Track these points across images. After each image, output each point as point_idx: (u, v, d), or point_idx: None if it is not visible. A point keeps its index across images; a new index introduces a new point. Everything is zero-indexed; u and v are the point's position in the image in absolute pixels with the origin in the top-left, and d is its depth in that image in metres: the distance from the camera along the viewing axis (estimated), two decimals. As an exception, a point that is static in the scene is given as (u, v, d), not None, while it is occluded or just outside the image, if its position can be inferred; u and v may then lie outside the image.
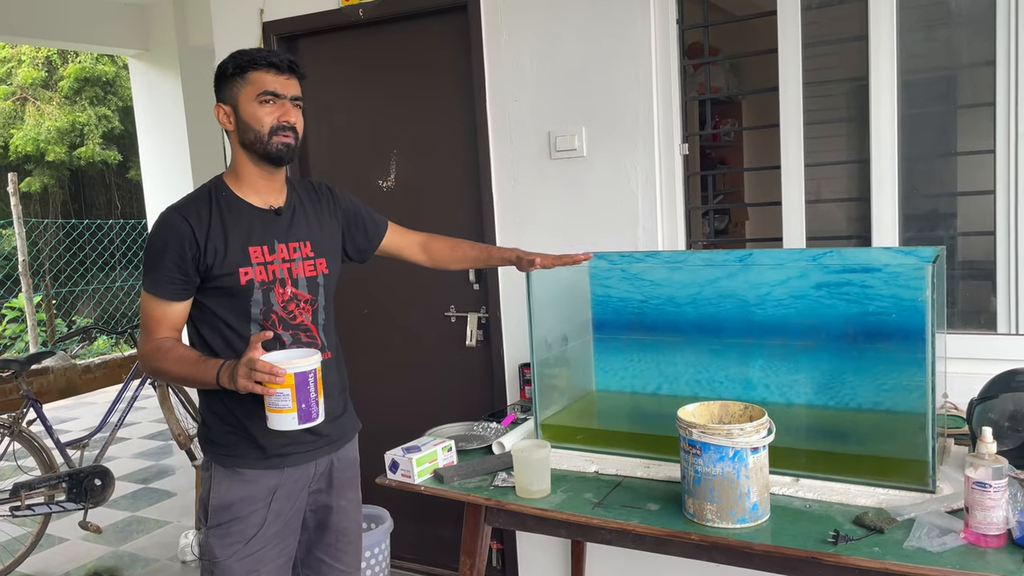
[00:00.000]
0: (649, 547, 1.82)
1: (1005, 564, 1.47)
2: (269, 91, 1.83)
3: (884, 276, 1.98)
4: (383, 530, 3.00)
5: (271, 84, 1.83)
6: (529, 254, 2.13)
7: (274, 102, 1.84)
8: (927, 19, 2.67)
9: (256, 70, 1.82)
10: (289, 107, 1.86)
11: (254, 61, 1.82)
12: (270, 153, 1.84)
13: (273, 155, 1.85)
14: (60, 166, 10.66)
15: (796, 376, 2.13)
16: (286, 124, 1.84)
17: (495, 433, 2.38)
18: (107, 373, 7.50)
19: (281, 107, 1.84)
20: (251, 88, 1.83)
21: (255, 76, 1.83)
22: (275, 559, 1.91)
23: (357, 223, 2.12)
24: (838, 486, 1.84)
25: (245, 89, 1.83)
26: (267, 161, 1.86)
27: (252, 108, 1.83)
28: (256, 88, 1.82)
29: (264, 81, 1.83)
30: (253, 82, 1.83)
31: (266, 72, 1.83)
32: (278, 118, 1.83)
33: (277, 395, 1.65)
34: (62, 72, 10.64)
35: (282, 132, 1.84)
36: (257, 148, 1.84)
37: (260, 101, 1.83)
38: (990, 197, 2.35)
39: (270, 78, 1.83)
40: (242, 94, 1.83)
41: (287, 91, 1.85)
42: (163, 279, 1.80)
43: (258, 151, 1.85)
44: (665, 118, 2.67)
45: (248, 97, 1.83)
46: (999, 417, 1.82)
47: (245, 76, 1.83)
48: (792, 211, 2.55)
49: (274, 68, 1.83)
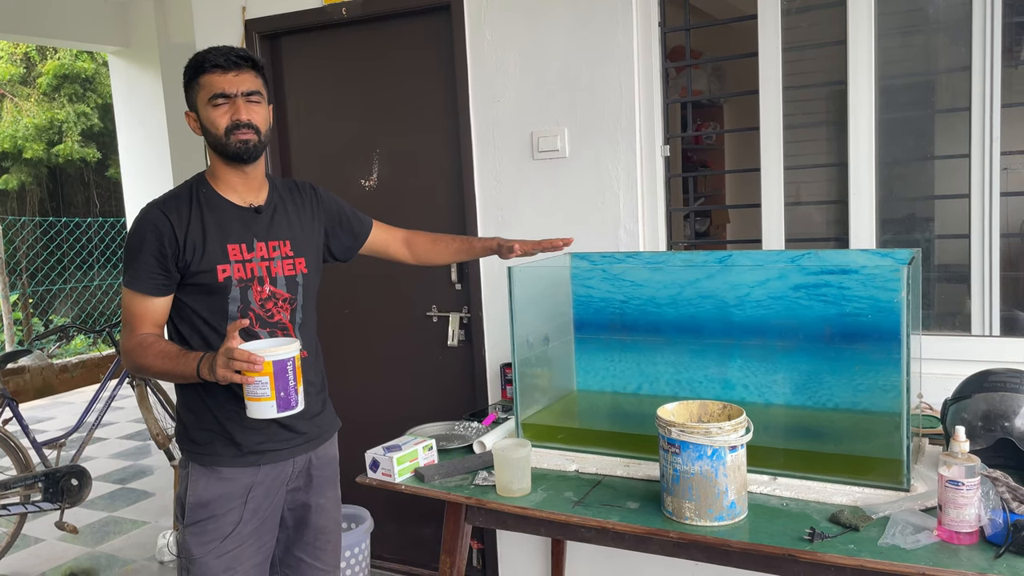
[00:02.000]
0: (629, 545, 1.83)
1: (977, 561, 1.49)
2: (217, 92, 1.81)
3: (861, 278, 2.01)
4: (363, 530, 2.99)
5: (218, 85, 1.82)
6: (509, 241, 2.16)
7: (225, 102, 1.82)
8: (905, 25, 2.70)
9: (205, 73, 1.82)
10: (241, 104, 1.82)
11: (201, 65, 1.82)
12: (230, 153, 1.84)
13: (232, 154, 1.84)
14: (38, 163, 10.53)
15: (774, 376, 2.15)
16: (239, 122, 1.82)
17: (476, 432, 2.38)
18: (84, 373, 7.43)
19: (232, 106, 1.82)
20: (204, 92, 1.83)
21: (205, 80, 1.82)
22: (252, 557, 1.90)
23: (341, 222, 2.12)
24: (815, 484, 1.86)
25: (200, 93, 1.84)
26: (231, 160, 1.86)
27: (207, 112, 1.83)
28: (207, 91, 1.82)
29: (212, 83, 1.82)
30: (204, 85, 1.83)
31: (212, 74, 1.82)
32: (231, 117, 1.82)
33: (256, 383, 1.65)
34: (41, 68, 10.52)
35: (238, 131, 1.82)
36: (219, 149, 1.85)
37: (213, 104, 1.82)
38: (965, 201, 2.38)
39: (217, 79, 1.82)
40: (198, 99, 1.85)
41: (237, 88, 1.82)
42: (144, 274, 1.79)
43: (220, 152, 1.85)
44: (647, 120, 2.68)
45: (203, 101, 1.83)
46: (972, 417, 1.85)
47: (197, 81, 1.84)
48: (771, 213, 2.58)
49: (219, 68, 1.81)
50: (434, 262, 2.28)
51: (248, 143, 1.83)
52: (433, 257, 2.26)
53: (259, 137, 1.85)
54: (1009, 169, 2.44)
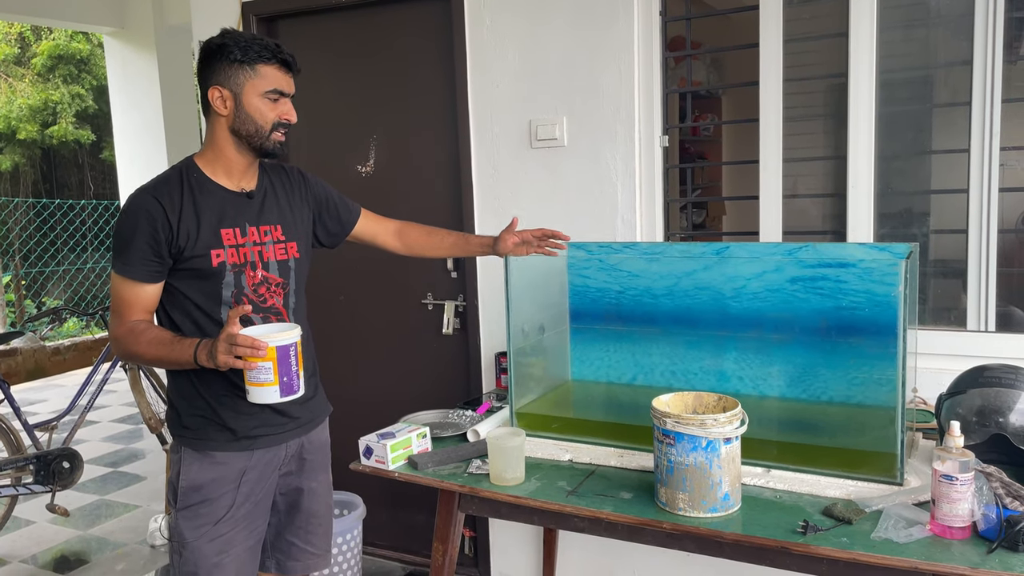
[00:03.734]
0: (621, 535, 1.83)
1: (970, 556, 1.50)
2: (278, 89, 1.82)
3: (858, 271, 2.00)
4: (355, 516, 2.99)
5: (280, 83, 1.83)
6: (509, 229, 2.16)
7: (279, 100, 1.84)
8: (907, 18, 2.69)
9: (268, 64, 1.81)
10: (291, 105, 1.87)
11: (265, 54, 1.80)
12: (266, 148, 1.85)
13: (268, 150, 1.86)
14: (32, 145, 10.46)
15: (770, 369, 2.15)
16: (287, 122, 1.86)
17: (470, 421, 2.38)
18: (77, 355, 7.41)
19: (284, 104, 1.85)
20: (260, 81, 1.81)
21: (266, 71, 1.81)
22: (244, 541, 1.90)
23: (328, 208, 2.11)
24: (808, 477, 1.87)
25: (253, 81, 1.81)
26: (259, 154, 1.87)
27: (257, 102, 1.81)
28: (267, 83, 1.81)
29: (275, 78, 1.82)
30: (264, 76, 1.81)
31: (278, 69, 1.82)
32: (280, 116, 1.84)
33: (258, 368, 1.65)
34: (35, 49, 10.43)
35: (281, 129, 1.85)
36: (254, 141, 1.84)
37: (268, 97, 1.82)
38: (963, 196, 2.38)
39: (280, 76, 1.83)
40: (248, 84, 1.81)
41: (291, 89, 1.86)
42: (135, 261, 1.77)
43: (253, 143, 1.84)
44: (646, 110, 2.67)
45: (255, 89, 1.81)
46: (967, 412, 1.85)
47: (255, 68, 1.80)
48: (769, 205, 2.57)
49: (285, 66, 1.83)
50: (427, 255, 2.28)
51: (284, 145, 1.88)
52: (426, 250, 2.26)
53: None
54: (1007, 165, 2.43)
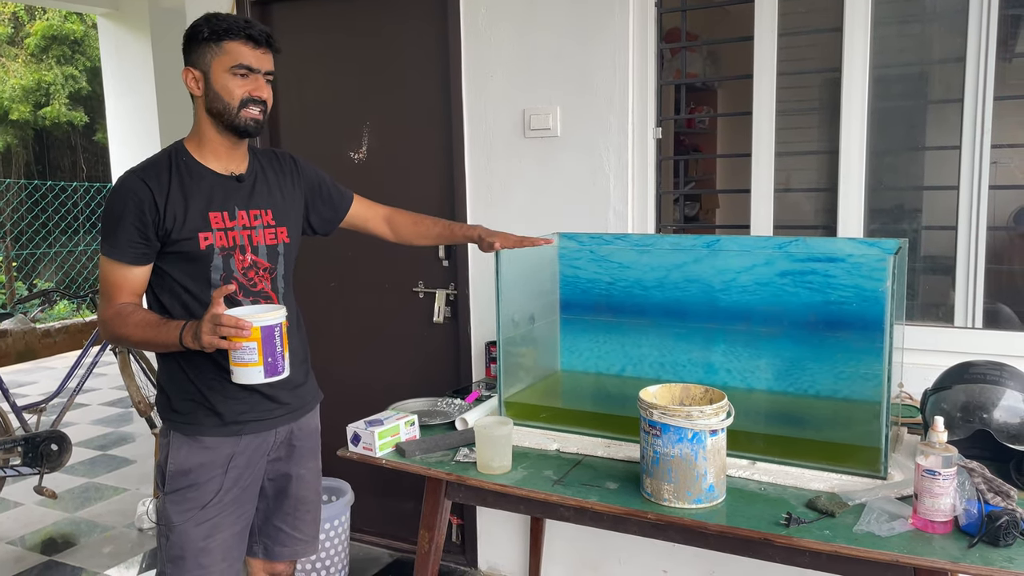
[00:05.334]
0: (607, 525, 1.84)
1: (950, 550, 1.51)
2: (244, 64, 1.79)
3: (847, 266, 2.01)
4: (343, 503, 3.00)
5: (247, 57, 1.80)
6: (491, 235, 2.14)
7: (247, 75, 1.81)
8: (902, 14, 2.69)
9: (233, 40, 1.78)
10: (261, 82, 1.83)
11: (231, 30, 1.78)
12: (237, 126, 1.83)
13: (240, 128, 1.83)
14: (24, 125, 10.40)
15: (757, 362, 2.16)
16: (257, 98, 1.82)
17: (459, 409, 2.38)
18: (67, 338, 7.38)
19: (254, 81, 1.82)
20: (226, 58, 1.79)
21: (231, 46, 1.79)
22: (231, 526, 1.90)
23: (321, 194, 2.10)
24: (793, 470, 1.88)
25: (220, 58, 1.79)
26: (233, 133, 1.84)
27: (224, 79, 1.80)
28: (231, 59, 1.79)
29: (240, 53, 1.79)
30: (229, 52, 1.79)
31: (244, 44, 1.79)
32: (249, 91, 1.81)
33: (243, 349, 1.65)
34: (29, 29, 10.36)
35: (252, 105, 1.82)
36: (224, 119, 1.82)
37: (234, 73, 1.80)
38: (954, 192, 2.39)
39: (247, 51, 1.80)
40: (215, 62, 1.80)
41: (262, 65, 1.83)
42: (123, 243, 1.77)
43: (225, 122, 1.83)
44: (640, 101, 2.67)
45: (222, 66, 1.80)
46: (951, 408, 1.86)
47: (220, 45, 1.79)
48: (761, 199, 2.57)
49: (252, 41, 1.80)
50: (413, 243, 2.27)
51: (258, 122, 1.85)
52: (413, 238, 2.25)
53: (264, 116, 1.86)
54: (999, 162, 2.44)
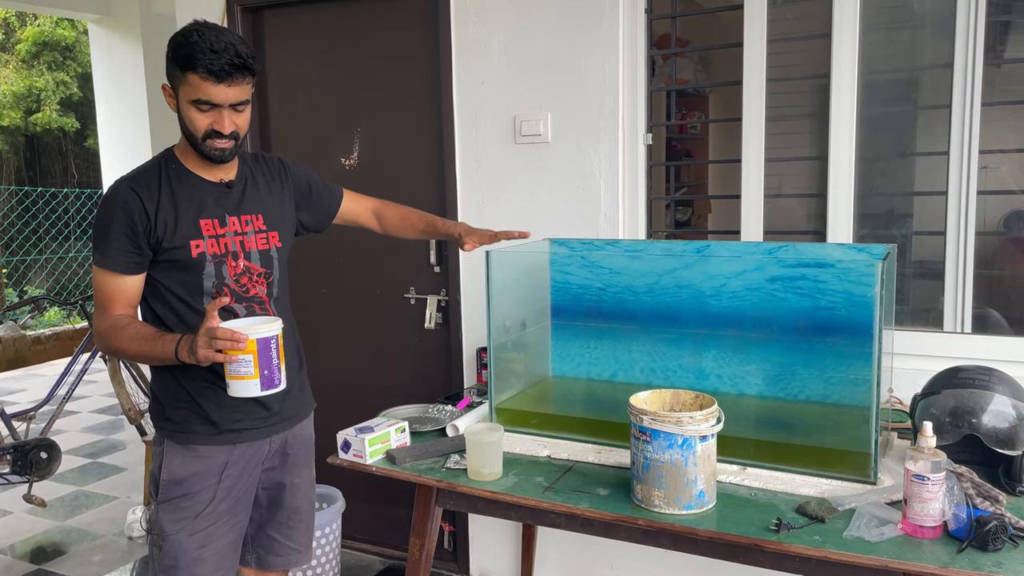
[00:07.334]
0: (597, 531, 1.84)
1: (940, 555, 1.51)
2: (203, 100, 1.71)
3: (836, 272, 2.02)
4: (335, 510, 2.98)
5: (208, 92, 1.70)
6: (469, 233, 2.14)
7: (210, 109, 1.73)
8: (890, 21, 2.71)
9: (194, 72, 1.69)
10: (225, 116, 1.74)
11: (193, 62, 1.68)
12: (204, 154, 1.79)
13: (206, 156, 1.79)
14: (15, 132, 10.35)
15: (747, 367, 2.16)
16: (220, 132, 1.75)
17: (450, 416, 2.38)
18: (58, 345, 7.35)
19: (216, 115, 1.74)
20: (189, 89, 1.71)
21: (193, 79, 1.69)
22: (225, 535, 1.89)
23: (312, 194, 2.10)
24: (783, 475, 1.88)
25: (184, 87, 1.72)
26: (203, 158, 1.81)
27: (187, 109, 1.74)
28: (193, 91, 1.71)
29: (201, 88, 1.70)
30: (191, 84, 1.70)
31: (204, 79, 1.69)
32: (211, 124, 1.74)
33: (239, 361, 1.64)
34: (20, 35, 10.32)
35: (217, 138, 1.76)
36: (193, 144, 1.79)
37: (196, 107, 1.73)
38: (943, 198, 2.39)
39: (208, 86, 1.70)
40: (181, 90, 1.74)
41: (226, 99, 1.73)
42: (115, 251, 1.76)
43: (194, 147, 1.79)
44: (630, 107, 2.67)
45: (185, 96, 1.73)
46: (940, 412, 1.87)
47: (185, 74, 1.70)
48: (751, 205, 2.58)
49: (212, 76, 1.69)
50: (400, 236, 2.28)
51: (225, 151, 1.79)
52: (399, 232, 2.26)
53: (237, 143, 1.80)
54: (989, 168, 2.45)
